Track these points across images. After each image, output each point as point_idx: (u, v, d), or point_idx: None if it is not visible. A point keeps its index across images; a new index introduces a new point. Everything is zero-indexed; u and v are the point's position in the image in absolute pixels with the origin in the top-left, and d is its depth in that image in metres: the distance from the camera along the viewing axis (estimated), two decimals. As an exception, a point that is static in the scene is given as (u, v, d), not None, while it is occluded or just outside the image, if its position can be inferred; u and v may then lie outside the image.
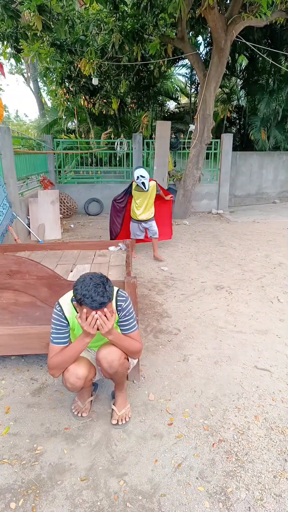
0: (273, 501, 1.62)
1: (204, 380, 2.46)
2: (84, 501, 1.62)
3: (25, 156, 6.87)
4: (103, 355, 1.88)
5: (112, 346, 1.90)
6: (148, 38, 7.56)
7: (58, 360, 1.83)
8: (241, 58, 11.63)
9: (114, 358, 1.87)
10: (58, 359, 1.83)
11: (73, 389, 1.90)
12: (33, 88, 18.28)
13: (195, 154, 7.58)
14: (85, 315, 1.69)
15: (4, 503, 1.61)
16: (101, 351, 1.90)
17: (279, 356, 2.74)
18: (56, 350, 1.85)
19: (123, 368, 1.93)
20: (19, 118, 26.71)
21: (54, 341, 1.85)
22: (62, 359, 1.83)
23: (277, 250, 5.47)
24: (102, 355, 1.89)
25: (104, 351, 1.89)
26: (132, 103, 12.03)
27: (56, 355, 1.84)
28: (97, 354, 1.91)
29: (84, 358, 1.98)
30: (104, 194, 8.80)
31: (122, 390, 2.11)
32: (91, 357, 2.07)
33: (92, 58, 7.26)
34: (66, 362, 1.84)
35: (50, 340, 1.86)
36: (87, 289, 1.65)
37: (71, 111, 11.40)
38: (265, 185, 10.18)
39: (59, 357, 1.83)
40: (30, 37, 6.89)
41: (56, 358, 1.83)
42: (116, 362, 1.87)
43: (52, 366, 1.84)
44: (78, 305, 1.72)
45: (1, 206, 4.65)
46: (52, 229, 6.51)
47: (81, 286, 1.67)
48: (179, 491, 1.67)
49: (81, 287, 1.67)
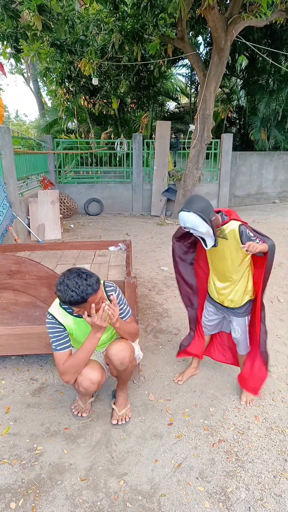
0: (273, 501, 1.62)
1: (204, 380, 2.46)
2: (84, 501, 1.62)
3: (25, 156, 6.87)
4: (115, 352, 1.88)
5: (121, 343, 1.91)
6: (148, 38, 7.55)
7: (72, 364, 1.79)
8: (241, 58, 11.62)
9: (125, 355, 1.88)
10: (71, 363, 1.79)
11: (86, 393, 1.89)
12: (33, 88, 18.27)
13: (195, 154, 7.58)
14: (94, 309, 1.68)
15: (4, 503, 1.61)
16: (111, 349, 1.90)
17: (279, 356, 2.74)
18: (64, 356, 1.81)
19: (132, 366, 1.96)
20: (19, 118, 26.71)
21: (57, 348, 1.81)
22: (76, 363, 1.80)
23: (277, 250, 5.43)
24: (113, 352, 1.89)
25: (115, 348, 1.89)
26: (132, 103, 12.03)
27: (67, 360, 1.80)
28: (108, 351, 1.91)
29: (95, 361, 1.96)
30: (104, 194, 8.81)
31: (124, 389, 2.11)
32: (100, 360, 2.05)
33: (92, 58, 7.26)
34: (80, 365, 1.82)
35: (53, 349, 1.82)
36: (79, 286, 1.62)
37: (71, 111, 11.40)
38: (265, 185, 10.18)
39: (71, 361, 1.79)
40: (30, 37, 6.88)
41: (68, 363, 1.79)
42: (127, 359, 1.89)
43: (66, 372, 1.80)
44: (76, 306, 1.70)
45: (1, 206, 4.64)
46: (52, 229, 6.51)
47: (72, 290, 1.61)
48: (179, 491, 1.67)
49: (74, 291, 1.61)
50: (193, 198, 1.90)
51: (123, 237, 6.46)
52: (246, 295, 2.13)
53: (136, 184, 8.81)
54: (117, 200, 8.90)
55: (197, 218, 1.83)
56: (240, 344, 2.24)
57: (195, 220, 1.84)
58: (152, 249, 5.65)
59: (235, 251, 2.00)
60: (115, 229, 7.21)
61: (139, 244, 5.98)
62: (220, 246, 2.01)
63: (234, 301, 2.13)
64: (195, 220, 1.84)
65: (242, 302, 2.13)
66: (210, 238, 1.94)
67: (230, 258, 2.03)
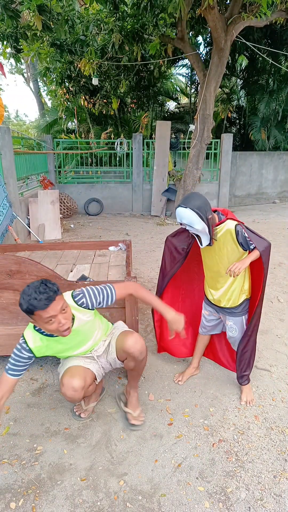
0: (273, 501, 1.62)
1: (204, 380, 2.46)
2: (84, 501, 1.62)
3: (25, 156, 6.87)
4: (132, 344, 1.88)
5: (133, 335, 1.92)
6: (148, 38, 7.55)
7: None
8: (241, 58, 11.62)
9: (142, 343, 1.90)
10: None
11: (74, 401, 1.87)
12: (33, 88, 18.26)
13: (195, 154, 7.58)
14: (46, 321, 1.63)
15: (4, 503, 1.61)
16: (126, 343, 1.89)
17: (279, 356, 2.74)
18: (8, 382, 1.72)
19: (146, 354, 1.97)
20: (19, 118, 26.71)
21: (9, 371, 1.73)
22: None
23: (277, 250, 5.46)
24: (129, 344, 1.88)
25: (129, 341, 1.89)
26: (132, 103, 12.03)
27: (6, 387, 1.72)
28: (124, 346, 1.89)
29: (77, 367, 1.91)
30: (104, 194, 8.81)
31: (136, 387, 2.11)
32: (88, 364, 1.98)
33: (92, 58, 7.26)
34: None
35: (5, 369, 1.74)
36: (29, 294, 1.58)
37: (71, 111, 11.40)
38: (265, 185, 10.18)
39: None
40: (30, 37, 6.88)
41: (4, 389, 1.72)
42: (144, 347, 1.91)
43: None
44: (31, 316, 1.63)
45: (1, 206, 4.65)
46: (52, 229, 6.51)
47: (24, 298, 1.60)
48: (179, 491, 1.67)
49: (23, 298, 1.60)
50: (191, 195, 1.90)
51: (123, 237, 6.47)
52: (243, 295, 2.14)
53: (136, 184, 8.81)
54: (117, 200, 8.90)
55: (193, 215, 1.84)
56: (237, 342, 2.24)
57: (191, 216, 1.84)
58: (152, 249, 5.66)
59: (231, 250, 2.00)
60: (115, 229, 7.21)
61: (139, 244, 5.98)
62: (216, 246, 2.00)
63: (231, 301, 2.13)
64: (192, 216, 1.84)
65: (238, 302, 2.13)
66: (206, 236, 1.94)
67: (226, 258, 2.02)
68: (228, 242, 1.98)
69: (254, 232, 1.99)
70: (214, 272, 2.12)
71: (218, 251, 2.02)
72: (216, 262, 2.07)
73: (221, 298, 2.15)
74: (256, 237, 1.97)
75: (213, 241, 1.96)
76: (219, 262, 2.06)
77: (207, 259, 2.14)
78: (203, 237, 1.94)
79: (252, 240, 1.93)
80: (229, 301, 2.14)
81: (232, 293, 2.11)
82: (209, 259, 2.11)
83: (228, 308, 2.17)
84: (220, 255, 2.03)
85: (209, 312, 2.32)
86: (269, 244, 2.00)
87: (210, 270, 2.16)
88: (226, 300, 2.14)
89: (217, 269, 2.09)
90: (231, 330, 2.22)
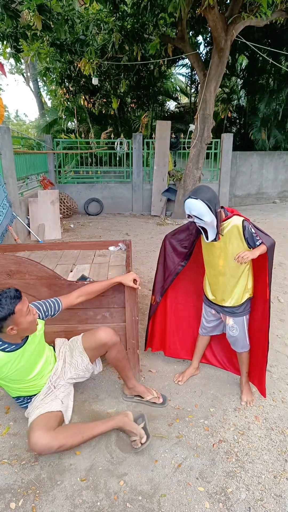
0: (273, 501, 1.62)
1: (204, 380, 2.46)
2: (84, 501, 1.62)
3: (25, 156, 6.87)
4: (104, 334, 1.99)
5: (98, 328, 2.04)
6: (148, 38, 7.55)
7: None
8: (241, 58, 11.63)
9: (110, 329, 2.03)
10: None
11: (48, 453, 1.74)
12: (33, 88, 18.26)
13: (195, 154, 7.58)
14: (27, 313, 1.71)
15: (4, 503, 1.61)
16: (99, 336, 2.00)
17: (279, 356, 2.74)
18: None
19: (117, 338, 2.06)
20: (19, 118, 26.72)
21: None
22: None
23: (277, 250, 5.46)
24: (102, 335, 1.99)
25: (101, 333, 2.00)
26: (132, 103, 12.04)
27: None
28: (98, 340, 1.99)
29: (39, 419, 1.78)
30: (104, 194, 8.81)
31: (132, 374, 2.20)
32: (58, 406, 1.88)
33: (92, 58, 7.26)
34: None
35: None
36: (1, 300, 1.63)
37: (71, 111, 11.41)
38: (265, 185, 10.18)
39: None
40: (30, 37, 6.89)
41: None
42: (113, 330, 2.02)
43: None
44: (12, 317, 1.65)
45: (1, 206, 4.64)
46: (52, 229, 6.51)
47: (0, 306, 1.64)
48: (179, 491, 1.66)
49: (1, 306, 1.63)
50: (201, 187, 1.89)
51: (123, 237, 6.46)
52: (246, 293, 2.11)
53: (136, 184, 8.81)
54: (117, 200, 8.90)
55: (204, 206, 1.83)
56: (238, 342, 2.20)
57: (202, 208, 1.83)
58: (152, 249, 5.65)
59: (236, 247, 1.97)
60: (115, 229, 7.21)
61: (139, 244, 5.98)
62: (221, 242, 1.98)
63: (234, 299, 2.11)
64: (202, 208, 1.83)
65: (242, 300, 2.11)
66: (213, 230, 1.92)
67: (231, 254, 1.99)
68: (234, 238, 1.95)
69: (260, 229, 1.99)
70: (217, 269, 2.09)
71: (223, 247, 2.00)
72: (220, 259, 2.04)
73: (224, 297, 2.13)
74: (262, 233, 1.97)
75: (219, 236, 1.95)
76: (223, 259, 2.03)
77: (210, 256, 2.11)
78: (210, 231, 1.93)
79: (258, 236, 1.92)
80: (232, 300, 2.11)
81: (236, 291, 2.09)
82: (212, 256, 2.08)
83: (229, 308, 2.15)
84: (225, 251, 2.00)
85: (210, 312, 2.31)
86: (274, 242, 2.00)
87: (212, 268, 2.12)
88: (230, 298, 2.11)
89: (220, 266, 2.06)
90: (231, 330, 2.19)
